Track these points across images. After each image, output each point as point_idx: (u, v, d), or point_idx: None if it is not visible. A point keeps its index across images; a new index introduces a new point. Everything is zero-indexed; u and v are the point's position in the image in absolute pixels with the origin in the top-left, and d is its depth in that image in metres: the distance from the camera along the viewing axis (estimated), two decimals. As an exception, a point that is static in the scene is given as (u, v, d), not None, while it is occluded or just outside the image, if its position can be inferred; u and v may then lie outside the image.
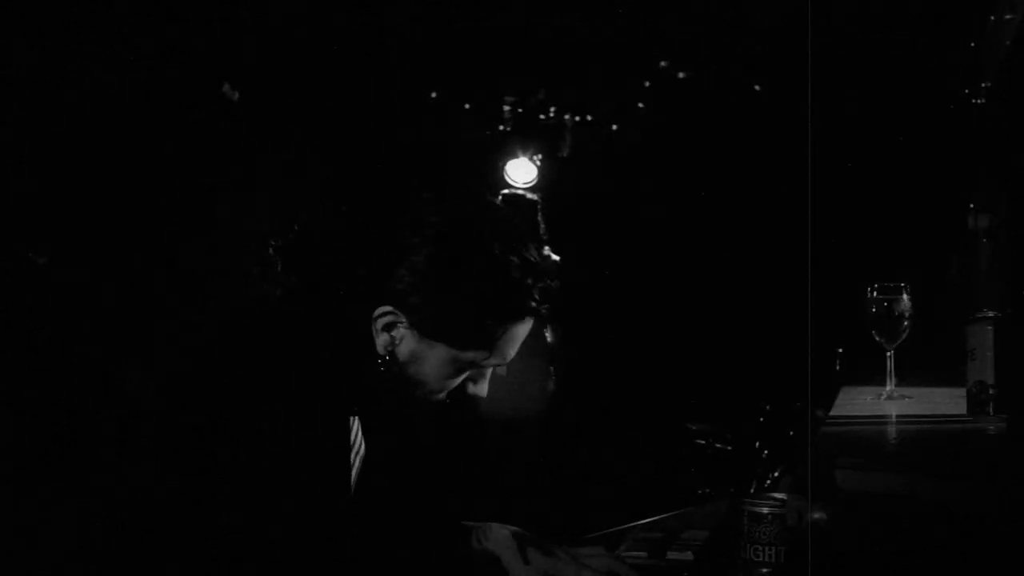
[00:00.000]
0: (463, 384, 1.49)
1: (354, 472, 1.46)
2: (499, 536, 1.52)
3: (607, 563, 1.50)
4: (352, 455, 1.45)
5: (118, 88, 4.09)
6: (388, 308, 1.39)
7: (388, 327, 1.40)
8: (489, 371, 1.51)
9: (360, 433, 1.48)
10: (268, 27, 4.37)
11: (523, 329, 1.54)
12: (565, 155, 5.73)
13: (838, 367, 3.20)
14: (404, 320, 1.40)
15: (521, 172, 5.43)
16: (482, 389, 1.50)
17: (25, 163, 4.00)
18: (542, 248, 4.66)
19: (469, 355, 1.43)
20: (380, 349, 1.40)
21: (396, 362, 1.41)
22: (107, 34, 4.00)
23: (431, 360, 1.42)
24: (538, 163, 5.48)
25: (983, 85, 3.61)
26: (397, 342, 1.40)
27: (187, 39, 4.17)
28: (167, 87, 4.17)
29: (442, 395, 1.46)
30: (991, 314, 1.63)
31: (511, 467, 4.70)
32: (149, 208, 4.27)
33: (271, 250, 1.40)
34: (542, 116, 5.67)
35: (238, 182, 4.21)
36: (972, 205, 3.94)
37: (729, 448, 3.53)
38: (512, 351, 1.48)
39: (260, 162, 4.22)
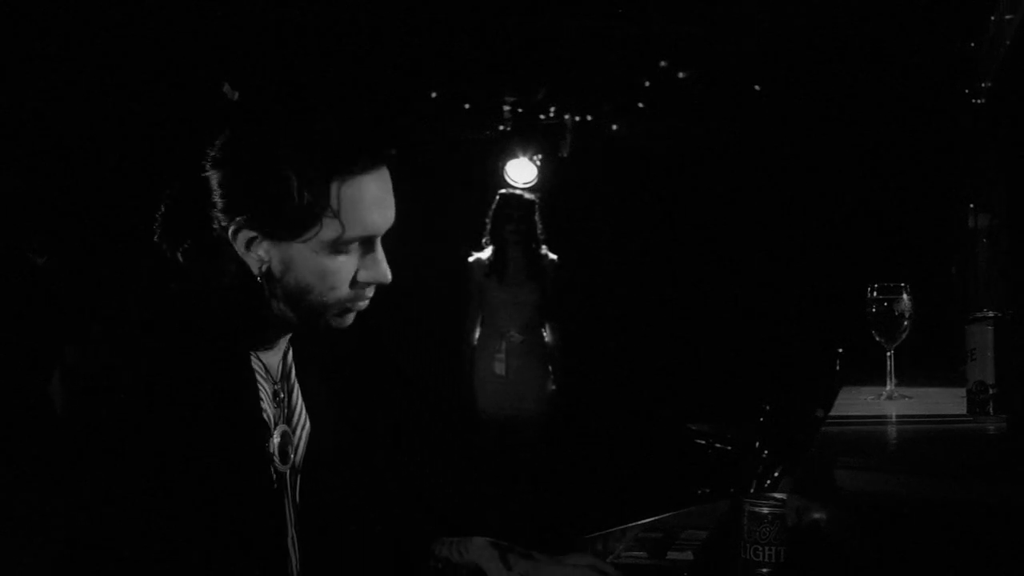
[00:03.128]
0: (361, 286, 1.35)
1: (300, 451, 1.41)
2: (479, 547, 1.51)
3: (592, 563, 1.49)
4: (297, 432, 1.41)
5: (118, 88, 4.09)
6: (232, 225, 1.28)
7: (248, 243, 1.32)
8: (379, 254, 1.34)
9: (302, 407, 1.43)
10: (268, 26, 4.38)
11: (371, 183, 1.31)
12: (565, 155, 5.74)
13: (838, 367, 3.19)
14: (249, 227, 1.29)
15: (521, 172, 5.44)
16: (381, 274, 1.33)
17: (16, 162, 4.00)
18: (540, 248, 4.65)
19: (340, 235, 1.28)
20: (255, 272, 1.29)
21: (273, 279, 1.30)
22: (107, 34, 4.00)
23: (303, 259, 1.30)
24: (538, 163, 5.49)
25: (983, 85, 3.61)
26: (265, 257, 1.32)
27: (187, 39, 4.18)
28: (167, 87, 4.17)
29: (340, 294, 1.32)
30: (991, 314, 1.63)
31: (511, 467, 4.71)
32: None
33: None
34: (542, 116, 5.67)
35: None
36: (972, 205, 3.94)
37: (729, 448, 3.52)
38: (370, 215, 1.31)
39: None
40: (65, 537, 1.23)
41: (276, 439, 1.38)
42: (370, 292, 1.38)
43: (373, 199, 1.33)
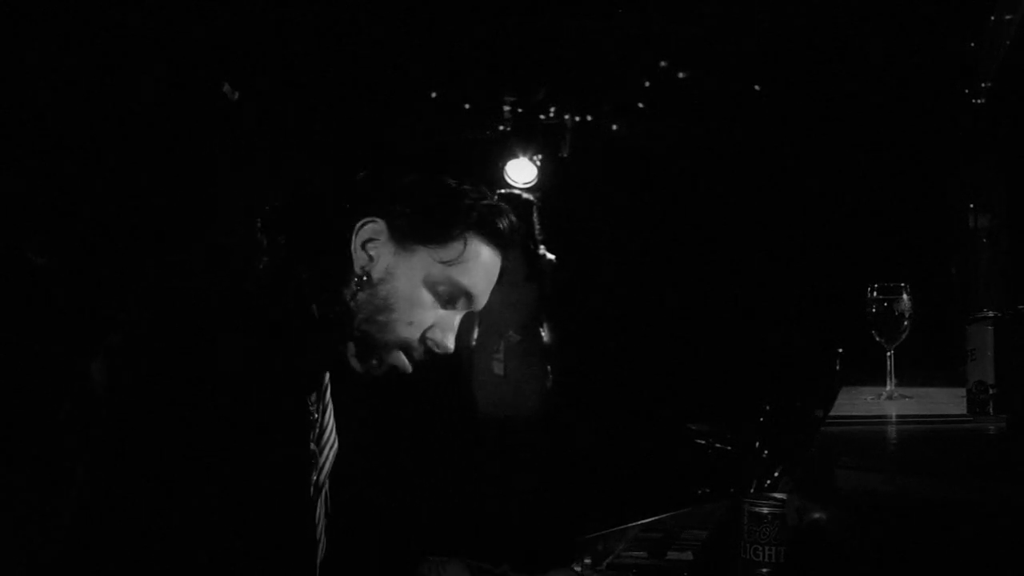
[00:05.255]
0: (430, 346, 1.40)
1: (325, 470, 1.41)
2: (456, 567, 1.53)
3: None
4: (324, 452, 1.41)
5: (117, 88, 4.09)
6: (370, 217, 1.38)
7: (366, 242, 1.37)
8: (457, 320, 1.42)
9: (333, 426, 1.43)
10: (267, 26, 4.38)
11: (488, 254, 1.47)
12: (565, 155, 5.74)
13: (838, 367, 3.19)
14: (383, 225, 1.39)
15: (521, 172, 5.43)
16: (448, 339, 1.41)
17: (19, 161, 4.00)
18: (539, 248, 4.65)
19: (443, 270, 1.39)
20: (357, 269, 1.36)
21: (370, 283, 1.37)
22: (106, 35, 4.00)
23: (405, 273, 1.38)
24: (538, 163, 5.49)
25: (983, 85, 3.61)
26: (374, 259, 1.37)
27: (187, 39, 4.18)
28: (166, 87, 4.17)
29: (412, 333, 1.38)
30: (991, 314, 1.63)
31: (511, 467, 4.71)
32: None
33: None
34: (542, 116, 5.67)
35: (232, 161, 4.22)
36: (972, 205, 3.94)
37: (729, 448, 3.52)
38: (478, 271, 1.44)
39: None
40: (84, 534, 1.22)
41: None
42: (423, 352, 1.43)
43: (490, 267, 1.48)
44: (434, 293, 1.40)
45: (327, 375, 1.44)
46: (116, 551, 1.20)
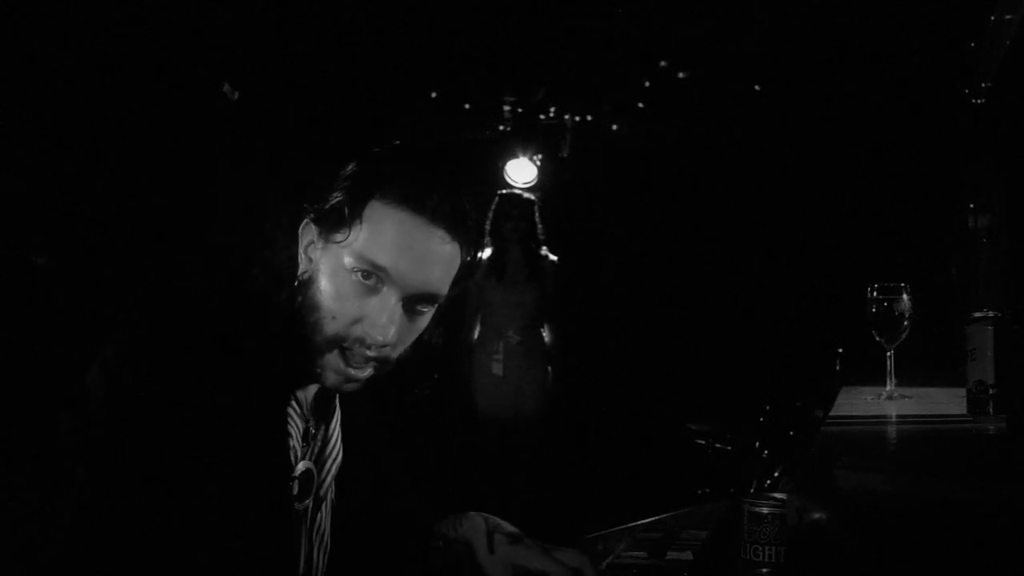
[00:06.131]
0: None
1: (326, 483, 1.39)
2: (473, 522, 1.51)
3: (576, 560, 1.47)
4: (326, 466, 1.39)
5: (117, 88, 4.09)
6: (305, 220, 1.30)
7: (308, 246, 1.30)
8: (388, 309, 1.28)
9: (337, 438, 1.41)
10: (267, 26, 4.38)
11: (395, 217, 1.27)
12: (565, 155, 5.74)
13: (838, 367, 3.20)
14: (313, 225, 1.30)
15: (521, 172, 5.44)
16: (378, 332, 1.28)
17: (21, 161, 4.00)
18: (540, 248, 4.65)
19: (355, 251, 1.26)
20: (299, 274, 1.30)
21: (306, 286, 1.30)
22: (105, 35, 4.00)
23: (326, 265, 1.29)
24: (538, 163, 5.49)
25: (983, 85, 3.61)
26: (313, 261, 1.29)
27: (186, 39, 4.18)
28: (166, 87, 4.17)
29: (338, 328, 1.28)
30: (991, 314, 1.63)
31: (511, 467, 4.71)
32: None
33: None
34: (542, 116, 5.68)
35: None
36: (972, 205, 3.94)
37: (729, 448, 3.52)
38: (392, 253, 1.27)
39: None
40: (67, 550, 1.22)
41: (296, 474, 1.35)
42: (361, 351, 1.31)
43: (408, 241, 1.29)
44: (354, 281, 1.29)
45: (319, 389, 1.40)
46: (116, 551, 1.20)
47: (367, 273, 1.29)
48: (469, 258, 1.36)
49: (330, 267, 1.30)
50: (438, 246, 1.31)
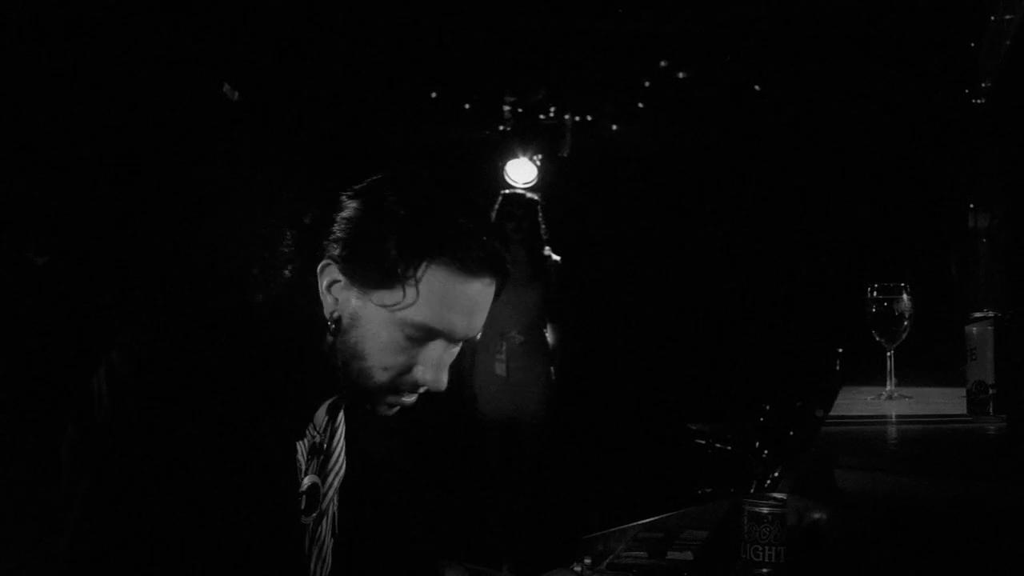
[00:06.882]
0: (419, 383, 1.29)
1: (329, 496, 1.38)
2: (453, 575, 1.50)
3: None
4: (330, 478, 1.37)
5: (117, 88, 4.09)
6: (326, 260, 1.24)
7: (331, 284, 1.25)
8: (445, 355, 1.28)
9: (342, 450, 1.39)
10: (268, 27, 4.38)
11: (464, 288, 1.24)
12: (565, 155, 5.74)
13: (838, 367, 3.20)
14: (335, 268, 1.24)
15: (521, 172, 5.44)
16: (434, 377, 1.26)
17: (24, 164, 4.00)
18: (543, 248, 4.65)
19: (407, 315, 1.23)
20: (326, 314, 1.25)
21: (339, 329, 1.25)
22: (106, 34, 4.00)
23: (369, 317, 1.25)
24: (538, 163, 5.49)
25: (983, 85, 3.61)
26: (340, 303, 1.24)
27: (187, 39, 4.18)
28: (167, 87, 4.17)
29: (389, 378, 1.26)
30: (991, 314, 1.63)
31: (513, 467, 4.71)
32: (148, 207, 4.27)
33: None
34: (542, 116, 5.68)
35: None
36: (972, 205, 3.94)
37: (729, 448, 3.52)
38: (452, 314, 1.24)
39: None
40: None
41: (303, 489, 1.34)
42: (420, 390, 1.31)
43: (464, 300, 1.26)
44: (406, 335, 1.25)
45: (330, 404, 1.39)
46: (116, 551, 1.20)
47: (424, 338, 1.27)
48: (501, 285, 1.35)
49: (375, 319, 1.26)
50: (485, 296, 1.30)
